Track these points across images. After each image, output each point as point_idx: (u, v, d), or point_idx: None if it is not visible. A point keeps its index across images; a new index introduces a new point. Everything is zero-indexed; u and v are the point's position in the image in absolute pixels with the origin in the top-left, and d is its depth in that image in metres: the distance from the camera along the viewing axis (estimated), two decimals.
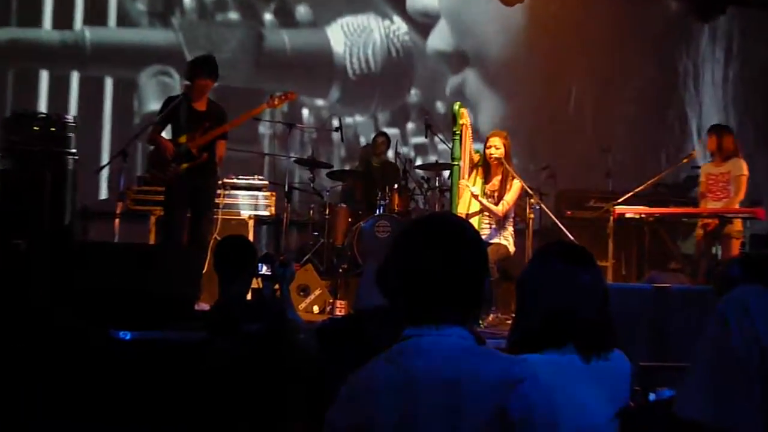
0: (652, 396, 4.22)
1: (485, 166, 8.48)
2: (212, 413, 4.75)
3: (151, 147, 8.57)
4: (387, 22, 12.25)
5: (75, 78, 11.33)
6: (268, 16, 11.89)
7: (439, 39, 12.27)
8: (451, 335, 2.35)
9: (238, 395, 4.71)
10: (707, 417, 2.73)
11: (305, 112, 11.98)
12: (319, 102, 11.44)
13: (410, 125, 12.24)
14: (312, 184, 10.70)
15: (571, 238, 8.30)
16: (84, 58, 11.44)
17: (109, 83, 11.48)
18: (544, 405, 2.33)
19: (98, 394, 5.95)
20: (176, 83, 11.39)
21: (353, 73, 12.12)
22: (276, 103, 8.85)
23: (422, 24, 12.48)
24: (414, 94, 12.40)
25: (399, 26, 12.31)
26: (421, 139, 11.83)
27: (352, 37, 11.69)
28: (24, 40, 11.28)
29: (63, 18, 11.39)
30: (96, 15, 11.47)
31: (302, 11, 11.98)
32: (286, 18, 11.94)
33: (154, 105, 11.22)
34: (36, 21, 11.34)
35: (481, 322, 7.77)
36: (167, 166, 8.30)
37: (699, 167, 9.64)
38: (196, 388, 4.90)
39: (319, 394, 4.10)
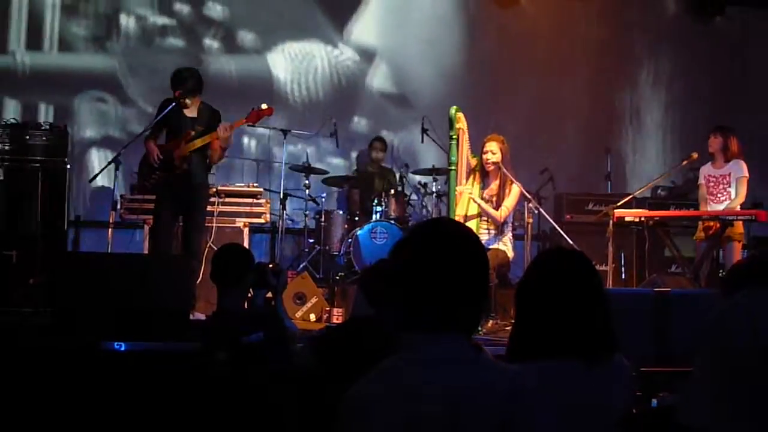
0: (654, 402, 4.21)
1: (483, 171, 8.47)
2: (210, 425, 4.74)
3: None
4: (330, 48, 12.07)
5: (10, 105, 11.14)
6: (210, 42, 11.71)
7: (378, 78, 12.02)
8: (449, 344, 2.34)
9: (237, 406, 4.70)
10: (710, 424, 2.72)
11: (245, 140, 11.79)
12: (261, 130, 11.10)
13: (354, 153, 12.03)
14: (307, 191, 10.68)
15: (570, 242, 8.29)
16: (17, 83, 11.20)
17: (42, 109, 11.26)
18: (547, 416, 2.32)
19: (93, 406, 5.93)
20: (112, 109, 11.34)
21: (295, 100, 11.97)
22: (253, 118, 8.81)
23: (365, 56, 12.31)
24: (357, 122, 12.20)
25: (344, 53, 12.14)
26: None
27: (294, 64, 11.43)
28: None
29: None
30: (31, 39, 11.27)
31: (245, 37, 11.81)
32: (229, 44, 11.77)
33: (90, 131, 11.30)
34: None
35: (480, 328, 7.75)
36: (152, 173, 8.29)
37: (698, 169, 9.57)
38: (194, 399, 4.89)
39: (317, 404, 4.09)
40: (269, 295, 5.62)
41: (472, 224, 8.23)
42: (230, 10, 11.79)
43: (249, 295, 5.49)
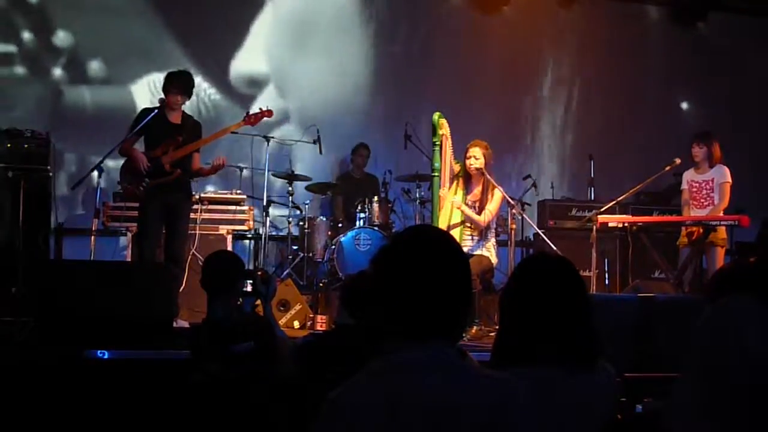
0: (638, 408, 4.22)
1: (466, 177, 8.48)
2: None
3: (124, 159, 8.51)
4: (198, 80, 11.12)
5: None
6: (58, 71, 11.40)
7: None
8: (433, 350, 2.34)
9: (225, 416, 4.68)
10: (696, 431, 2.73)
11: (229, 146, 11.52)
12: (244, 137, 10.63)
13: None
14: (290, 198, 10.67)
15: (554, 248, 8.31)
16: None
17: None
18: (531, 423, 2.33)
19: (76, 416, 5.91)
20: None
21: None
22: (252, 120, 8.85)
23: (245, 96, 12.03)
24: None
25: (211, 84, 11.92)
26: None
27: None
28: None
29: None
30: None
31: (95, 66, 11.51)
32: (77, 73, 11.43)
33: None
34: None
35: (464, 335, 7.76)
36: (140, 180, 8.27)
37: (681, 174, 9.59)
38: (181, 409, 4.87)
39: (302, 413, 4.09)
40: (258, 302, 5.61)
41: (456, 231, 8.25)
42: (75, 38, 11.43)
43: (238, 302, 5.47)
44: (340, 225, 10.67)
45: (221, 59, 11.94)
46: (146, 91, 11.48)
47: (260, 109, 8.93)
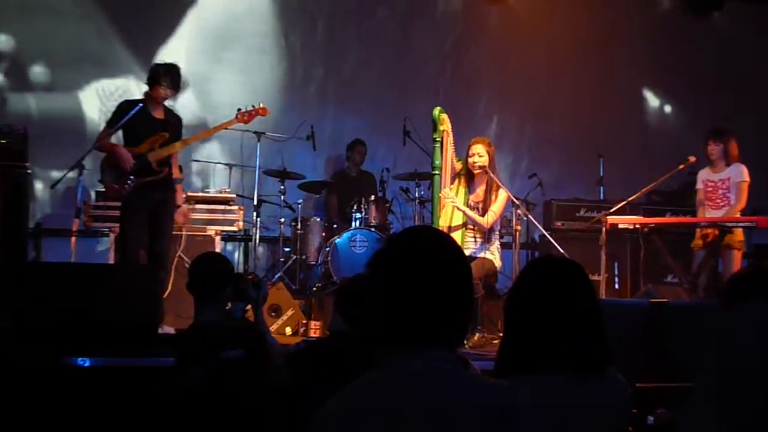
0: (650, 419, 4.21)
1: (468, 176, 8.47)
2: None
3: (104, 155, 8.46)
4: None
5: None
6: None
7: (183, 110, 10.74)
8: (435, 359, 2.34)
9: (212, 427, 4.67)
10: None
11: (217, 143, 11.58)
12: (234, 133, 10.49)
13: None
14: (283, 197, 10.66)
15: (561, 251, 8.30)
16: None
17: None
18: None
19: (56, 426, 5.90)
20: None
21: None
22: (246, 118, 8.84)
23: None
24: (206, 156, 11.75)
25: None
26: None
27: (109, 103, 10.67)
28: None
29: None
30: None
31: (38, 71, 11.36)
32: (20, 79, 11.29)
33: None
34: None
35: (465, 342, 7.75)
36: (125, 178, 8.20)
37: (695, 173, 9.57)
38: (167, 419, 4.85)
39: (293, 424, 4.08)
40: (248, 308, 5.60)
41: (457, 235, 8.23)
42: (16, 42, 11.33)
43: (227, 307, 5.45)
44: (334, 226, 10.66)
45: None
46: (95, 98, 11.42)
47: (253, 106, 8.91)
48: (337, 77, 12.55)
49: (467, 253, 8.07)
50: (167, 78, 8.31)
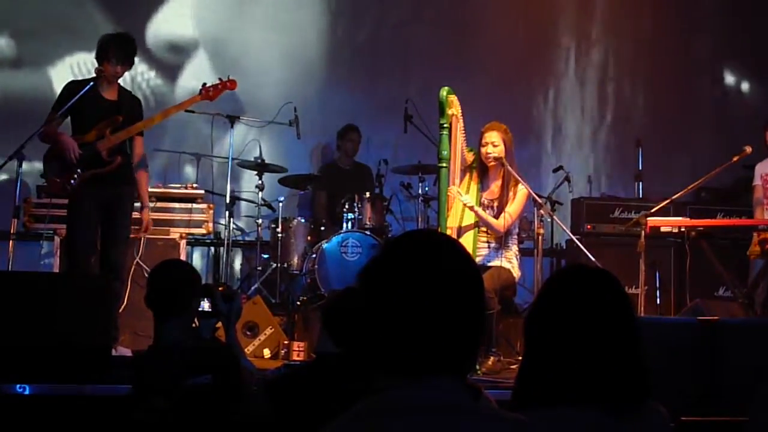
0: None
1: (481, 169, 8.46)
2: None
3: (48, 145, 8.44)
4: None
5: None
6: None
7: (196, 76, 11.21)
8: (438, 388, 2.32)
9: None
10: None
11: (182, 129, 11.57)
12: (203, 117, 10.50)
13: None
14: (260, 193, 10.65)
15: (592, 258, 8.31)
16: None
17: None
18: None
19: None
20: None
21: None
22: (211, 94, 8.82)
23: (169, 65, 12.08)
24: (168, 145, 11.67)
25: (148, 66, 11.91)
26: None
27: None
28: None
29: None
30: None
31: (2, 44, 11.48)
32: None
33: None
34: None
35: (478, 367, 7.75)
36: (70, 171, 8.18)
37: (752, 167, 9.58)
38: None
39: None
40: (219, 325, 5.59)
41: (468, 237, 8.23)
42: None
43: (194, 325, 5.44)
44: (322, 228, 10.67)
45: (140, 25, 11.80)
46: (69, 75, 11.32)
47: (220, 79, 8.90)
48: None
49: (479, 261, 8.08)
50: (117, 51, 8.28)
